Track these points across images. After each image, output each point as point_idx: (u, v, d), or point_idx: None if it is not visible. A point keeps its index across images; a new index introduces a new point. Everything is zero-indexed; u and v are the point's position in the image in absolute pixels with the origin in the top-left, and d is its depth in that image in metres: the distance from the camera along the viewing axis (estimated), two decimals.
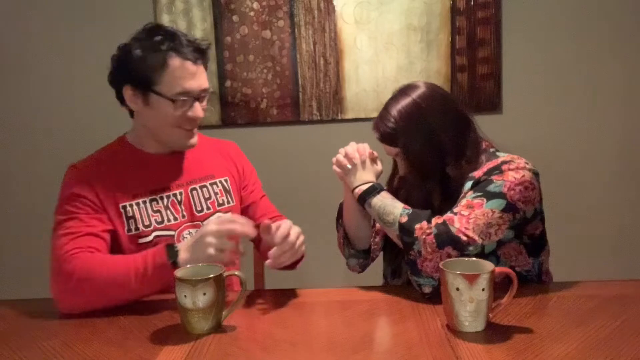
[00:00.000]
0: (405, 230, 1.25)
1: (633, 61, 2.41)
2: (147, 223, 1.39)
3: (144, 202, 1.40)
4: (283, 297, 1.33)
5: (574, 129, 2.45)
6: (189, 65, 1.33)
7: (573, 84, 2.43)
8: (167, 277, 1.19)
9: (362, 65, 2.43)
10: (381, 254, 1.55)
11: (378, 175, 1.40)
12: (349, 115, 2.45)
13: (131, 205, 1.38)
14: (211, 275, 1.09)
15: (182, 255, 1.23)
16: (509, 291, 1.08)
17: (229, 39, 2.41)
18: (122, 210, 1.37)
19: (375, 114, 2.41)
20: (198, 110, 1.37)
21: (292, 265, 1.40)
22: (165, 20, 2.42)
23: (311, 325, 1.20)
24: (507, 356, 0.97)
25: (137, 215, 1.38)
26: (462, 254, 1.20)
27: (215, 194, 1.49)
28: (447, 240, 1.20)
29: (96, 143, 2.56)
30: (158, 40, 1.32)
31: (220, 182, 1.51)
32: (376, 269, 1.58)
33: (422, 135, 1.33)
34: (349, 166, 1.37)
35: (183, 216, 1.42)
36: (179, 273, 1.12)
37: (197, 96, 1.36)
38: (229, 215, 1.31)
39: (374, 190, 1.34)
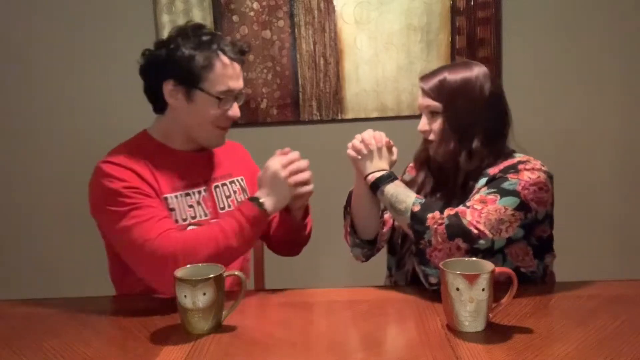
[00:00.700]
0: (418, 218, 1.26)
1: (633, 61, 2.41)
2: (184, 217, 1.39)
3: (181, 196, 1.41)
4: (283, 297, 1.33)
5: (574, 129, 2.45)
6: (235, 65, 1.39)
7: (573, 84, 2.43)
8: (262, 228, 1.34)
9: (362, 65, 2.43)
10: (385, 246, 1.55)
11: (392, 165, 1.41)
12: (349, 115, 2.45)
13: (172, 198, 1.39)
14: (211, 275, 1.09)
15: (268, 201, 1.32)
16: (509, 291, 1.08)
17: (229, 39, 2.40)
18: (164, 202, 1.38)
19: (375, 114, 2.45)
20: (236, 109, 1.41)
21: (303, 239, 1.52)
22: (165, 20, 2.41)
23: (311, 325, 1.19)
24: (507, 356, 0.97)
25: (177, 208, 1.39)
26: (472, 247, 1.21)
27: (234, 192, 1.51)
28: (458, 232, 1.21)
29: (97, 142, 2.56)
30: (207, 40, 1.36)
31: (238, 180, 1.54)
32: (377, 268, 1.58)
33: (466, 104, 1.33)
34: (365, 151, 1.38)
35: (209, 213, 1.44)
36: (178, 273, 1.12)
37: (236, 96, 1.41)
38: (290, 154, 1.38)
39: (387, 177, 1.35)
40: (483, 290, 1.04)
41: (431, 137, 1.39)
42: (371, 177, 1.37)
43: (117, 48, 2.46)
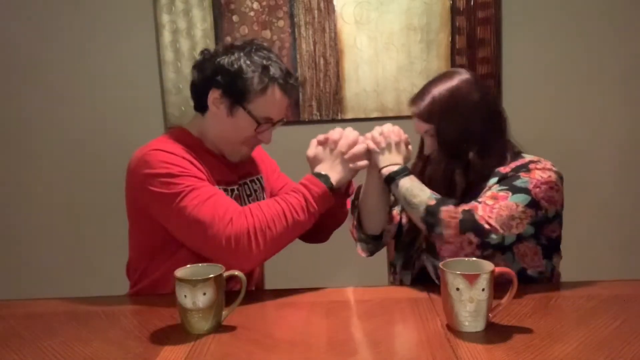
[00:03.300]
0: (431, 212, 1.27)
1: (633, 60, 2.41)
2: None
3: (222, 190, 1.41)
4: (283, 297, 1.33)
5: (574, 129, 2.45)
6: (285, 99, 1.40)
7: (573, 84, 2.43)
8: (330, 202, 1.35)
9: (362, 65, 2.43)
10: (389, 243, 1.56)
11: (406, 161, 1.42)
12: (349, 115, 2.45)
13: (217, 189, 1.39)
14: (211, 275, 1.09)
15: (332, 175, 1.36)
16: (509, 291, 1.08)
17: (229, 39, 2.41)
18: None
19: (375, 114, 2.45)
20: (269, 136, 1.44)
21: (340, 217, 1.52)
22: (165, 20, 2.41)
23: (311, 325, 1.19)
24: (507, 356, 0.97)
25: None
26: (483, 241, 1.22)
27: (255, 191, 1.53)
28: (470, 227, 1.22)
29: (97, 141, 2.55)
30: (267, 65, 1.36)
31: (258, 179, 1.56)
32: (378, 268, 1.58)
33: (458, 119, 1.34)
34: (384, 144, 1.39)
35: None
36: (178, 273, 1.12)
37: (274, 124, 1.42)
38: (347, 134, 1.40)
39: (403, 171, 1.36)
40: (483, 290, 1.04)
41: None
42: (386, 170, 1.38)
43: (117, 48, 2.46)
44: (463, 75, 1.37)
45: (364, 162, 1.39)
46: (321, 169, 1.38)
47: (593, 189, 2.49)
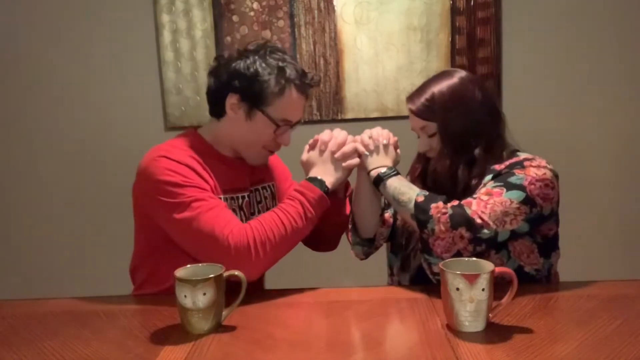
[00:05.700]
0: (421, 208, 1.27)
1: (633, 60, 2.41)
2: None
3: (229, 199, 1.41)
4: (283, 297, 1.33)
5: (575, 129, 2.45)
6: (302, 99, 1.40)
7: (573, 84, 2.43)
8: (326, 205, 1.36)
9: (362, 65, 2.43)
10: (386, 245, 1.56)
11: (396, 163, 1.42)
12: (349, 115, 2.46)
13: (223, 199, 1.39)
14: (211, 275, 1.09)
15: (327, 178, 1.37)
16: (509, 291, 1.08)
17: (229, 39, 2.41)
18: None
19: (375, 114, 2.45)
20: (288, 138, 1.43)
21: (343, 221, 1.52)
22: (165, 20, 2.41)
23: (311, 325, 1.20)
24: (507, 356, 0.97)
25: None
26: (475, 237, 1.22)
27: (265, 198, 1.53)
28: (462, 221, 1.22)
29: (96, 141, 2.55)
30: (283, 67, 1.36)
31: (269, 186, 1.56)
32: (378, 268, 1.58)
33: (462, 114, 1.35)
34: (372, 147, 1.40)
35: (246, 218, 1.44)
36: (179, 273, 1.12)
37: (293, 125, 1.42)
38: (336, 134, 1.42)
39: (391, 172, 1.37)
40: (483, 290, 1.04)
41: (432, 154, 1.41)
42: (374, 172, 1.39)
43: (117, 48, 2.46)
44: (462, 73, 1.39)
45: (355, 160, 1.40)
46: (315, 173, 1.39)
47: (593, 189, 2.49)
